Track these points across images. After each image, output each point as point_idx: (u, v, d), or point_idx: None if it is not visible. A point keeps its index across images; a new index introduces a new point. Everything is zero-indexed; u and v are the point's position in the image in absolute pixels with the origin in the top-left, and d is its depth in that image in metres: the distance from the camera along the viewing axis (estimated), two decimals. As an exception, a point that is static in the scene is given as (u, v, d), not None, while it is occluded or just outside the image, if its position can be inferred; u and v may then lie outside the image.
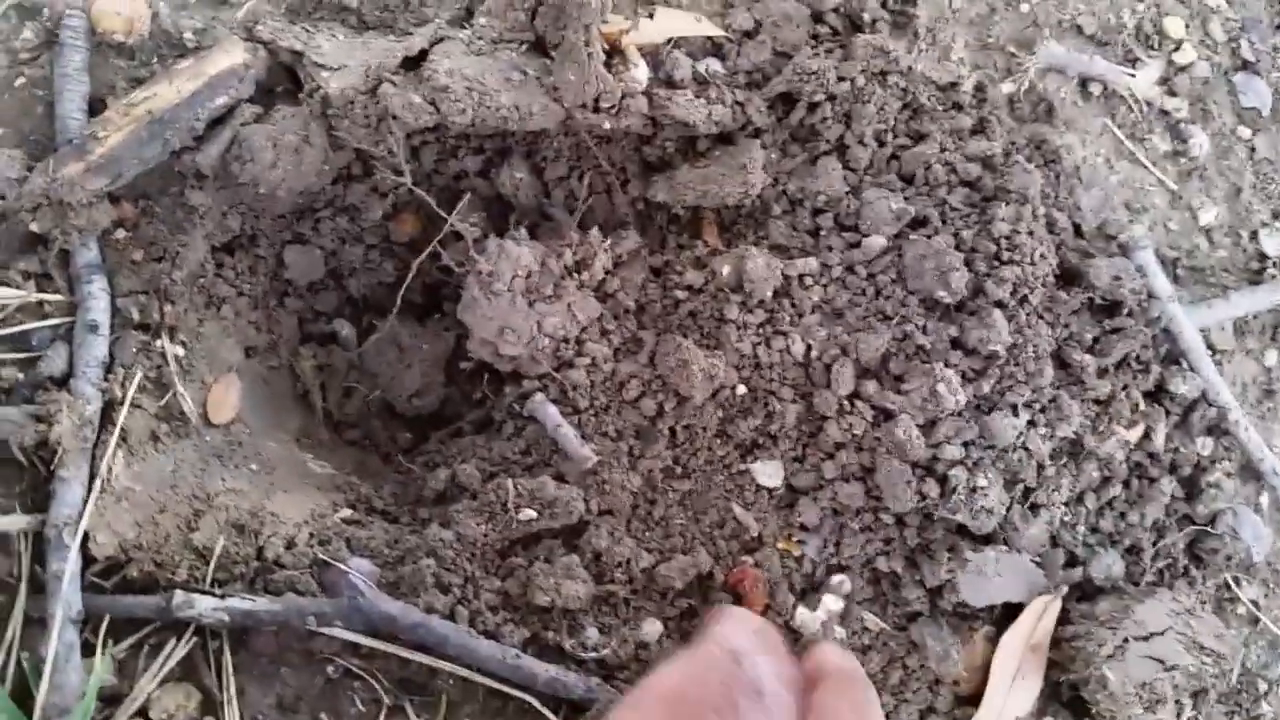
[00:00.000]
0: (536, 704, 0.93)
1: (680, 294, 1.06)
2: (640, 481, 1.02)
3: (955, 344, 1.02)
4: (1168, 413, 1.11)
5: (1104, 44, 1.19)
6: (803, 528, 1.02)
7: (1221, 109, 1.22)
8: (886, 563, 1.01)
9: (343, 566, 0.93)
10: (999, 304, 1.02)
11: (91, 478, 0.91)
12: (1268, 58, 1.24)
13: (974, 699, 1.01)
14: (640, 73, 1.01)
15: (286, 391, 1.08)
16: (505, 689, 0.93)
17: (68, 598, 0.88)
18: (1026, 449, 1.01)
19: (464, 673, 0.93)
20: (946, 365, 1.00)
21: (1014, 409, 1.01)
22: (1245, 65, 1.24)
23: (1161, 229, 1.18)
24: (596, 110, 1.00)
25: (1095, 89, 1.18)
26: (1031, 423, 1.02)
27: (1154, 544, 1.09)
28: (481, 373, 1.06)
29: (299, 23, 1.04)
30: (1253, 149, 1.23)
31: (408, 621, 0.91)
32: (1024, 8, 1.17)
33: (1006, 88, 1.15)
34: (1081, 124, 1.17)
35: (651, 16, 1.07)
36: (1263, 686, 1.14)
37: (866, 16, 1.12)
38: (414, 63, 0.99)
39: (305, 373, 1.09)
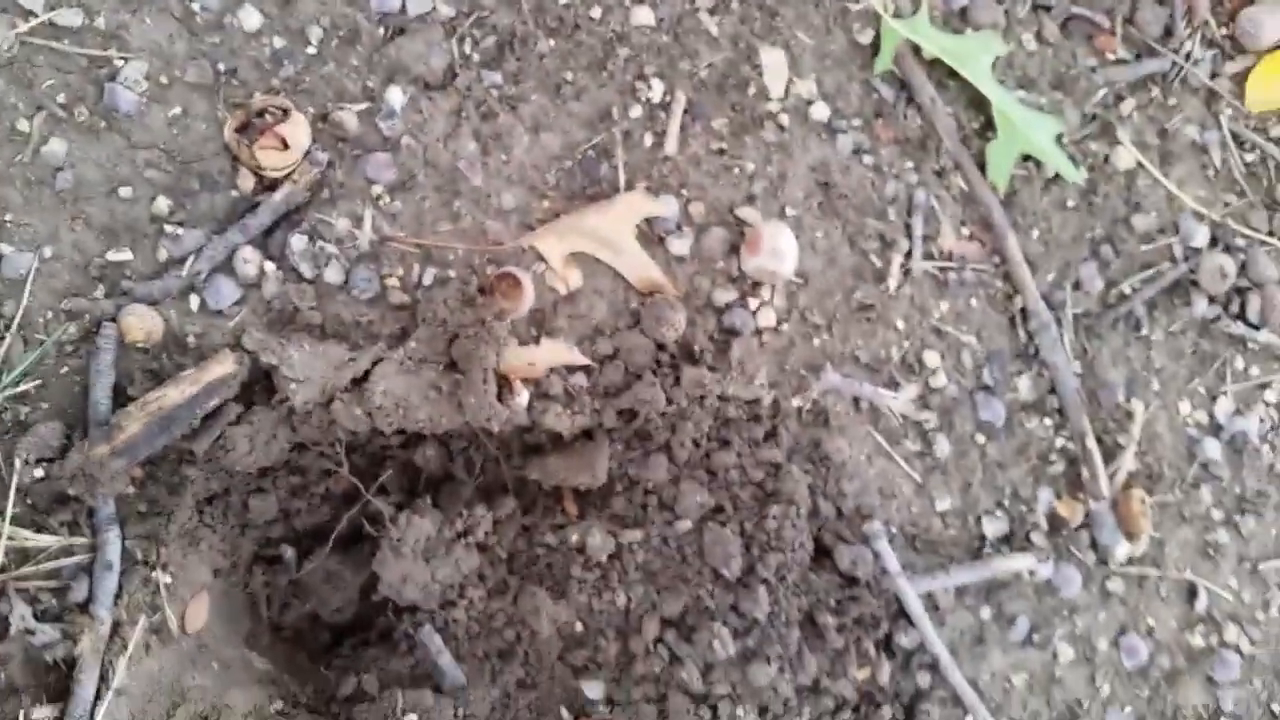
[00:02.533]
0: None
1: (540, 550, 1.52)
2: (497, 693, 1.47)
3: (732, 608, 1.49)
4: (893, 655, 1.59)
5: (875, 370, 1.67)
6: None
7: (964, 420, 1.71)
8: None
9: (275, 751, 1.37)
10: (764, 581, 1.49)
11: (100, 678, 1.34)
12: (1004, 382, 1.73)
13: None
14: (522, 399, 1.47)
15: (241, 602, 1.51)
16: (385, 846, 1.38)
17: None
18: (775, 689, 1.48)
19: (356, 833, 1.37)
20: (724, 624, 1.47)
21: (768, 660, 1.48)
22: (986, 387, 1.73)
23: (906, 511, 1.66)
24: (488, 422, 1.46)
25: (864, 404, 1.66)
26: (781, 670, 1.48)
27: (876, 754, 1.56)
28: (388, 601, 1.50)
29: (276, 333, 1.48)
30: (984, 453, 1.71)
31: (319, 796, 1.35)
32: (815, 342, 1.65)
33: (796, 402, 1.62)
34: (851, 430, 1.65)
35: (539, 341, 1.53)
36: None
37: (697, 348, 1.59)
38: (359, 380, 1.44)
39: (256, 589, 1.52)
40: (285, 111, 1.48)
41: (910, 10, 1.71)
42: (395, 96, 1.54)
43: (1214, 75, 1.82)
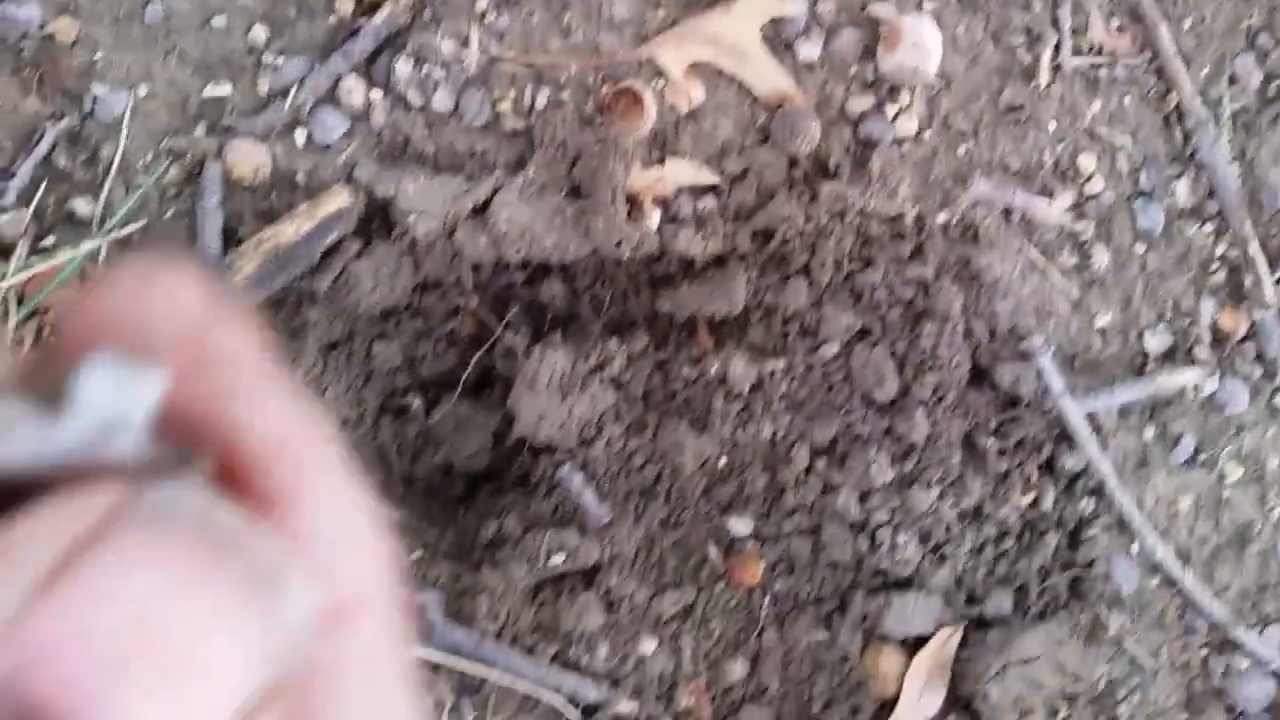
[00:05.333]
0: (560, 705, 1.33)
1: (678, 385, 1.43)
2: (642, 533, 1.39)
3: (887, 433, 1.39)
4: (1056, 480, 1.49)
5: (1027, 178, 1.54)
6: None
7: (1121, 230, 1.58)
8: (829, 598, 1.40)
9: (420, 600, 1.31)
10: (922, 403, 1.39)
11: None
12: (1162, 186, 1.59)
13: (891, 703, 1.40)
14: (653, 221, 1.37)
15: (370, 456, 1.45)
16: (537, 694, 1.32)
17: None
18: (937, 514, 1.39)
19: (507, 681, 1.32)
20: (879, 450, 1.38)
21: (928, 484, 1.38)
22: (1143, 193, 1.59)
23: (1064, 330, 1.55)
24: (618, 247, 1.36)
25: (1016, 216, 1.54)
26: (942, 495, 1.39)
27: (1040, 584, 1.48)
28: (523, 443, 1.43)
29: (388, 167, 1.39)
30: (1144, 263, 1.58)
31: (468, 643, 1.30)
32: (961, 150, 1.52)
33: (942, 217, 1.50)
34: (1002, 245, 1.52)
35: (663, 163, 1.42)
36: (1122, 693, 1.53)
37: (833, 161, 1.47)
38: (480, 209, 1.35)
39: (384, 441, 1.45)
40: (380, -77, 1.37)
41: None
42: (495, -98, 1.42)
43: None
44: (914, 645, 1.41)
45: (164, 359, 0.21)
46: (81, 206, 1.32)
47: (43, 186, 1.32)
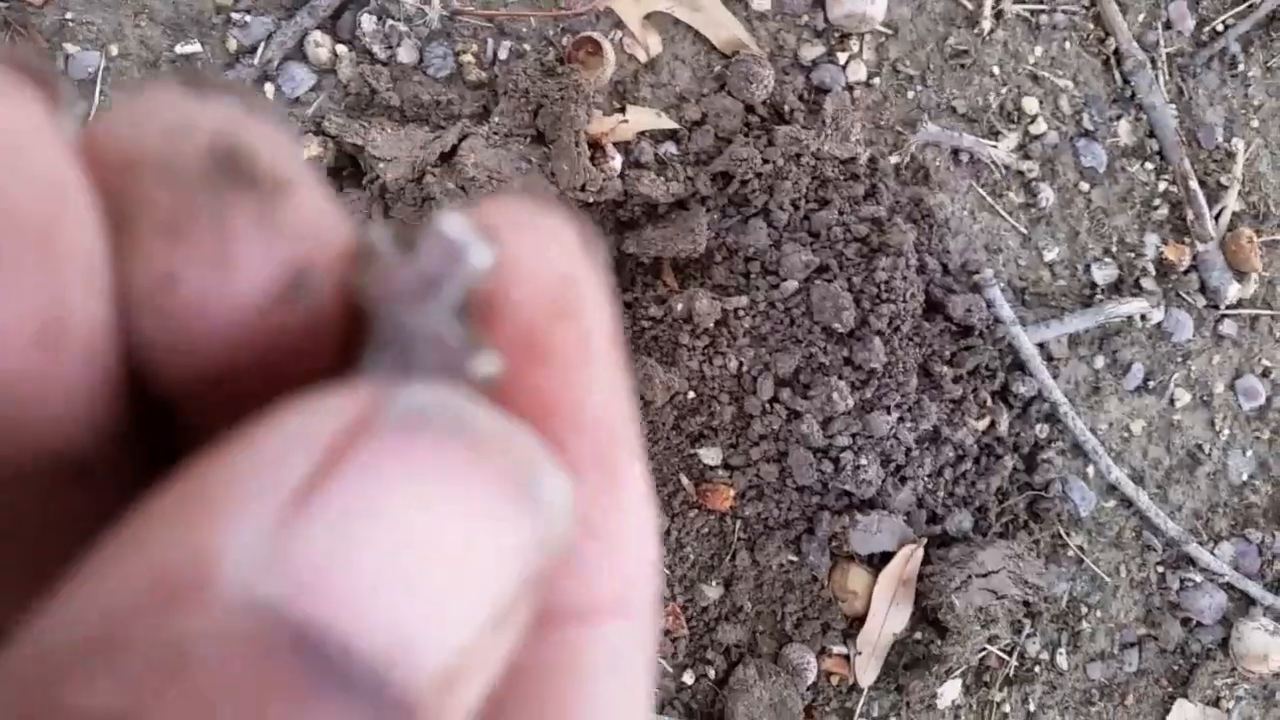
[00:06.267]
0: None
1: (646, 323, 1.49)
2: (616, 465, 1.45)
3: (846, 362, 1.45)
4: (1010, 406, 1.56)
5: (973, 120, 1.61)
6: (740, 496, 1.47)
7: (1066, 168, 1.65)
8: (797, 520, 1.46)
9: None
10: (879, 333, 1.45)
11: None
12: (1104, 126, 1.67)
13: (860, 619, 1.46)
14: (615, 163, 1.42)
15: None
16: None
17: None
18: (896, 438, 1.45)
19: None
20: (839, 378, 1.43)
21: (887, 409, 1.45)
22: (1086, 133, 1.66)
23: (1014, 264, 1.62)
24: (583, 190, 1.42)
25: (964, 157, 1.60)
26: (900, 419, 1.46)
27: (999, 505, 1.54)
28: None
29: (356, 118, 1.44)
30: (1089, 200, 1.66)
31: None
32: (910, 94, 1.59)
33: (894, 159, 1.57)
34: (952, 185, 1.59)
35: (623, 110, 1.48)
36: (1084, 610, 1.59)
37: (787, 108, 1.53)
38: (447, 155, 1.40)
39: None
40: (343, -117, 1.42)
41: None
42: None
43: None
44: (879, 563, 1.47)
45: (525, 296, 0.21)
46: (59, 161, 1.36)
47: (20, 144, 1.36)
